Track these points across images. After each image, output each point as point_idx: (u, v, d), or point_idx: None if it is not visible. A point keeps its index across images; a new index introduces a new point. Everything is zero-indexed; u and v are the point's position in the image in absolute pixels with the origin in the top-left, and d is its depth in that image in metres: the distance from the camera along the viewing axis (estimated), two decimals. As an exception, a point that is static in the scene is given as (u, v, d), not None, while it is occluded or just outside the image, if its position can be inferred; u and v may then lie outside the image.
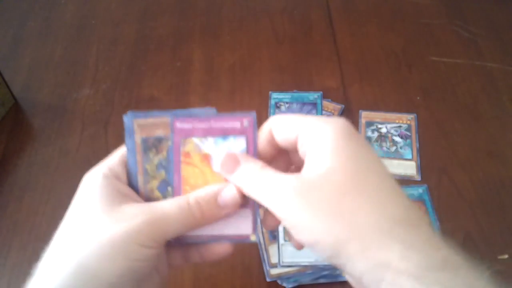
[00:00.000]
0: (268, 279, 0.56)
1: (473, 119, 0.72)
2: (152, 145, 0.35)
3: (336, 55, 0.82)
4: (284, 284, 0.56)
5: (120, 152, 0.36)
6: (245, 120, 0.34)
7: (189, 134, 0.34)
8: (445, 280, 0.25)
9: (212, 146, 0.34)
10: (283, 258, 0.57)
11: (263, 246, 0.59)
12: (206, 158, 0.34)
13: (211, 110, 0.34)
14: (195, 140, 0.35)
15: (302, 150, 0.32)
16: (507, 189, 0.65)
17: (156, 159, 0.35)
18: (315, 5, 0.90)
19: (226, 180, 0.34)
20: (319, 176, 0.29)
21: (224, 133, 0.34)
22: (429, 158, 0.68)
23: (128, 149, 0.35)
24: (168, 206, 0.32)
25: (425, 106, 0.74)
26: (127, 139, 0.35)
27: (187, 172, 0.35)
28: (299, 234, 0.29)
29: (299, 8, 0.90)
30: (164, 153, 0.35)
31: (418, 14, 0.88)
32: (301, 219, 0.28)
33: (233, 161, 0.33)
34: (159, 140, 0.35)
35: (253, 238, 0.35)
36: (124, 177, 0.35)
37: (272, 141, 0.34)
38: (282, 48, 0.83)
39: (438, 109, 0.74)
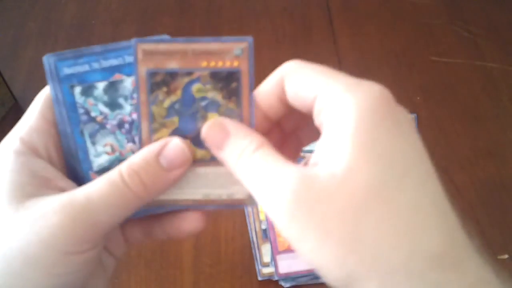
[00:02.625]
0: (259, 278, 0.56)
1: (473, 119, 0.72)
2: (162, 81, 0.26)
3: (336, 55, 0.81)
4: (283, 284, 0.56)
5: (37, 106, 0.26)
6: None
7: None
8: None
9: None
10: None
11: (255, 245, 0.59)
12: None
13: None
14: None
15: (319, 122, 0.24)
16: (507, 189, 0.64)
17: (167, 100, 0.26)
18: (315, 5, 0.90)
19: None
20: (333, 178, 0.21)
21: None
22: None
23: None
24: (94, 189, 0.23)
25: (425, 106, 0.74)
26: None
27: None
28: (299, 252, 0.21)
29: (299, 8, 0.90)
30: (179, 92, 0.26)
31: (418, 14, 0.88)
32: (303, 238, 0.21)
33: (220, 132, 0.25)
34: (173, 76, 0.26)
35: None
36: (43, 146, 0.26)
37: (282, 96, 0.26)
38: (282, 48, 0.83)
39: (438, 109, 0.74)
